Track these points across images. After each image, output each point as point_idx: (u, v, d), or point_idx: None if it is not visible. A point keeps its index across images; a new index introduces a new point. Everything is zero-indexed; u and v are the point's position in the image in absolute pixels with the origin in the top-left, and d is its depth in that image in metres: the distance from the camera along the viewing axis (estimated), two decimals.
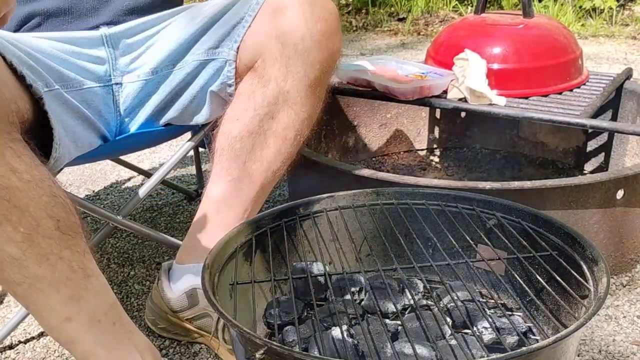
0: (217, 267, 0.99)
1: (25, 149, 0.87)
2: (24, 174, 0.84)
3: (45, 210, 0.86)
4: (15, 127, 0.87)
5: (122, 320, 0.97)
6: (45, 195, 0.86)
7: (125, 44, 1.26)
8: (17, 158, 0.85)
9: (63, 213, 0.88)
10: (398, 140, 2.08)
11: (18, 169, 0.84)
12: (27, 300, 0.90)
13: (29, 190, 0.84)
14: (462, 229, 1.10)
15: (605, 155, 1.88)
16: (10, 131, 0.85)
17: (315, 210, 1.16)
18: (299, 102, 1.20)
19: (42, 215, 0.85)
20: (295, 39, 1.17)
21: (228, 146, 1.20)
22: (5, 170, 0.83)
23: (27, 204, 0.84)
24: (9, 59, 0.97)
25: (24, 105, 0.97)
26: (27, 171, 0.85)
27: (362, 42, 3.97)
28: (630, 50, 3.51)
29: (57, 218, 0.87)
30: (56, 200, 0.88)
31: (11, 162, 0.84)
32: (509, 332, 0.95)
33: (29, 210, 0.84)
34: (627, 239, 1.45)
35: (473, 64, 1.56)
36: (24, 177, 0.84)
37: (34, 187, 0.85)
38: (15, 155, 0.84)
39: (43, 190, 0.86)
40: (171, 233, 1.71)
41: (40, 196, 0.85)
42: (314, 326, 0.98)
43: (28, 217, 0.84)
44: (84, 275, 0.91)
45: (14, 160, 0.84)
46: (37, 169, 0.87)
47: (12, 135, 0.85)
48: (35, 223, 0.85)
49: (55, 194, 0.88)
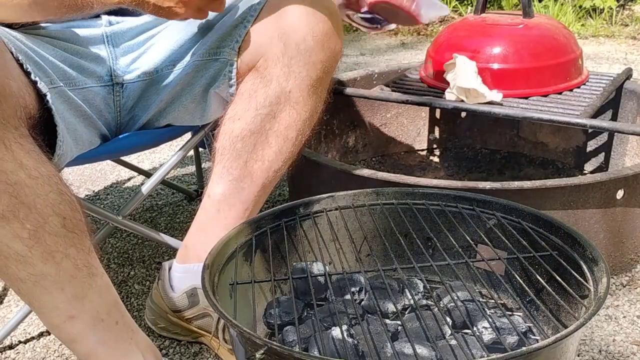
0: (217, 267, 0.99)
1: (33, 145, 0.87)
2: (32, 170, 0.84)
3: (52, 207, 0.86)
4: (23, 122, 0.87)
5: (124, 320, 0.97)
6: (53, 193, 0.86)
7: (126, 43, 1.26)
8: (26, 154, 0.84)
9: (69, 211, 0.88)
10: (398, 140, 2.08)
11: (27, 165, 0.84)
12: (31, 297, 0.90)
13: (36, 187, 0.84)
14: (462, 229, 1.10)
15: (605, 155, 1.88)
16: (19, 126, 0.85)
17: (315, 210, 1.16)
18: (300, 102, 1.20)
19: (49, 212, 0.85)
20: (298, 38, 1.17)
21: (229, 146, 1.20)
22: (15, 166, 0.82)
23: (34, 201, 0.84)
24: (16, 55, 0.97)
25: (30, 102, 0.97)
26: (35, 167, 0.85)
27: (362, 42, 3.97)
28: (630, 50, 3.51)
29: (63, 216, 0.87)
30: (63, 197, 0.88)
31: (20, 158, 0.83)
32: (509, 332, 0.95)
33: (36, 207, 0.84)
34: (627, 239, 1.45)
35: (461, 65, 1.56)
36: (32, 174, 0.84)
37: (42, 184, 0.85)
38: (24, 151, 0.84)
39: (50, 188, 0.86)
40: (171, 233, 1.71)
41: (47, 193, 0.85)
42: (314, 326, 0.98)
43: (35, 214, 0.84)
44: (89, 273, 0.91)
45: (22, 156, 0.84)
46: (45, 165, 0.87)
47: (20, 131, 0.85)
48: (42, 220, 0.85)
49: (62, 192, 0.88)
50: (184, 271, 1.23)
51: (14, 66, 0.94)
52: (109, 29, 1.25)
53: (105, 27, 1.25)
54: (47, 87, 1.02)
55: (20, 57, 0.98)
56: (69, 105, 1.11)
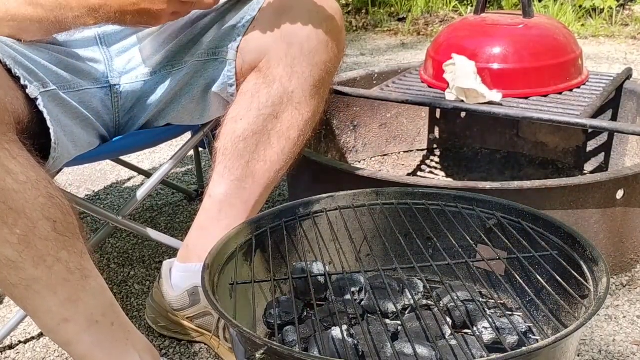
0: (217, 267, 0.99)
1: (21, 150, 0.87)
2: (19, 175, 0.84)
3: (41, 211, 0.85)
4: (11, 127, 0.87)
5: (120, 321, 0.97)
6: (42, 197, 0.86)
7: (120, 43, 1.26)
8: (13, 159, 0.84)
9: (60, 214, 0.88)
10: (398, 140, 2.08)
11: (13, 170, 0.84)
12: (24, 302, 0.89)
13: (24, 191, 0.84)
14: (462, 229, 1.10)
15: (605, 155, 1.88)
16: (6, 132, 0.85)
17: (315, 210, 1.16)
18: (303, 103, 1.20)
19: (38, 216, 0.85)
20: (301, 38, 1.17)
21: (231, 146, 1.20)
22: (1, 172, 0.82)
23: (23, 206, 0.84)
24: (4, 61, 0.97)
25: (19, 106, 0.97)
26: (22, 172, 0.85)
27: (362, 42, 3.97)
28: (630, 50, 3.51)
29: (53, 219, 0.87)
30: (53, 201, 0.87)
31: (6, 163, 0.83)
32: (509, 332, 0.95)
33: (25, 212, 0.84)
34: (627, 239, 1.45)
35: (460, 65, 1.56)
36: (19, 179, 0.84)
37: (30, 189, 0.85)
38: (11, 156, 0.84)
39: (39, 192, 0.86)
40: (171, 233, 1.71)
41: (36, 198, 0.85)
42: (314, 326, 0.98)
43: (24, 219, 0.84)
44: (82, 276, 0.90)
45: (9, 161, 0.84)
46: (34, 169, 0.87)
47: (7, 137, 0.85)
48: (32, 225, 0.84)
49: (52, 195, 0.88)
50: (185, 270, 1.23)
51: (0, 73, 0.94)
52: (101, 29, 1.24)
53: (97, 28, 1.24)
54: (39, 90, 1.02)
55: (8, 62, 0.98)
56: (64, 107, 1.11)
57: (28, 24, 1.07)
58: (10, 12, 1.06)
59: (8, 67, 0.98)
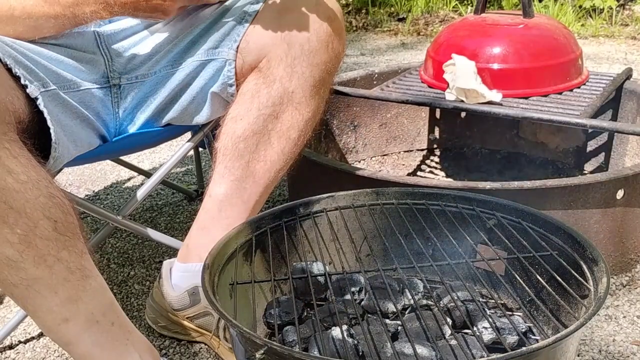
0: (217, 267, 0.99)
1: (21, 150, 0.87)
2: (20, 174, 0.84)
3: (42, 211, 0.85)
4: (12, 127, 0.87)
5: (120, 321, 0.97)
6: (43, 196, 0.86)
7: (120, 43, 1.26)
8: (13, 159, 0.84)
9: (60, 214, 0.88)
10: (398, 140, 2.08)
11: (14, 170, 0.84)
12: (24, 301, 0.89)
13: (25, 191, 0.84)
14: (462, 229, 1.10)
15: (605, 155, 1.88)
16: (7, 131, 0.85)
17: (315, 210, 1.16)
18: (303, 103, 1.20)
19: (39, 216, 0.85)
20: (302, 38, 1.17)
21: (232, 146, 1.20)
22: (1, 172, 0.82)
23: (23, 206, 0.84)
24: (4, 60, 0.97)
25: (20, 106, 0.97)
26: (23, 172, 0.85)
27: (362, 42, 3.97)
28: (630, 50, 3.51)
29: (54, 219, 0.87)
30: (54, 201, 0.87)
31: (7, 163, 0.83)
32: (509, 332, 0.95)
33: (26, 211, 0.84)
34: (627, 239, 1.45)
35: (460, 65, 1.56)
36: (20, 178, 0.84)
37: (31, 188, 0.85)
38: (11, 155, 0.84)
39: (40, 191, 0.86)
40: (171, 233, 1.71)
41: (37, 197, 0.85)
42: (314, 326, 0.98)
43: (25, 219, 0.84)
44: (82, 276, 0.90)
45: (9, 161, 0.84)
46: (34, 169, 0.87)
47: (8, 136, 0.85)
48: (32, 224, 0.84)
49: (53, 195, 0.88)
50: (185, 270, 1.23)
51: (1, 73, 0.94)
52: (100, 29, 1.24)
53: (96, 28, 1.24)
54: (39, 90, 1.02)
55: (8, 61, 0.98)
56: (64, 107, 1.11)
57: (44, 20, 1.09)
58: (27, 9, 1.07)
59: (8, 67, 0.98)
